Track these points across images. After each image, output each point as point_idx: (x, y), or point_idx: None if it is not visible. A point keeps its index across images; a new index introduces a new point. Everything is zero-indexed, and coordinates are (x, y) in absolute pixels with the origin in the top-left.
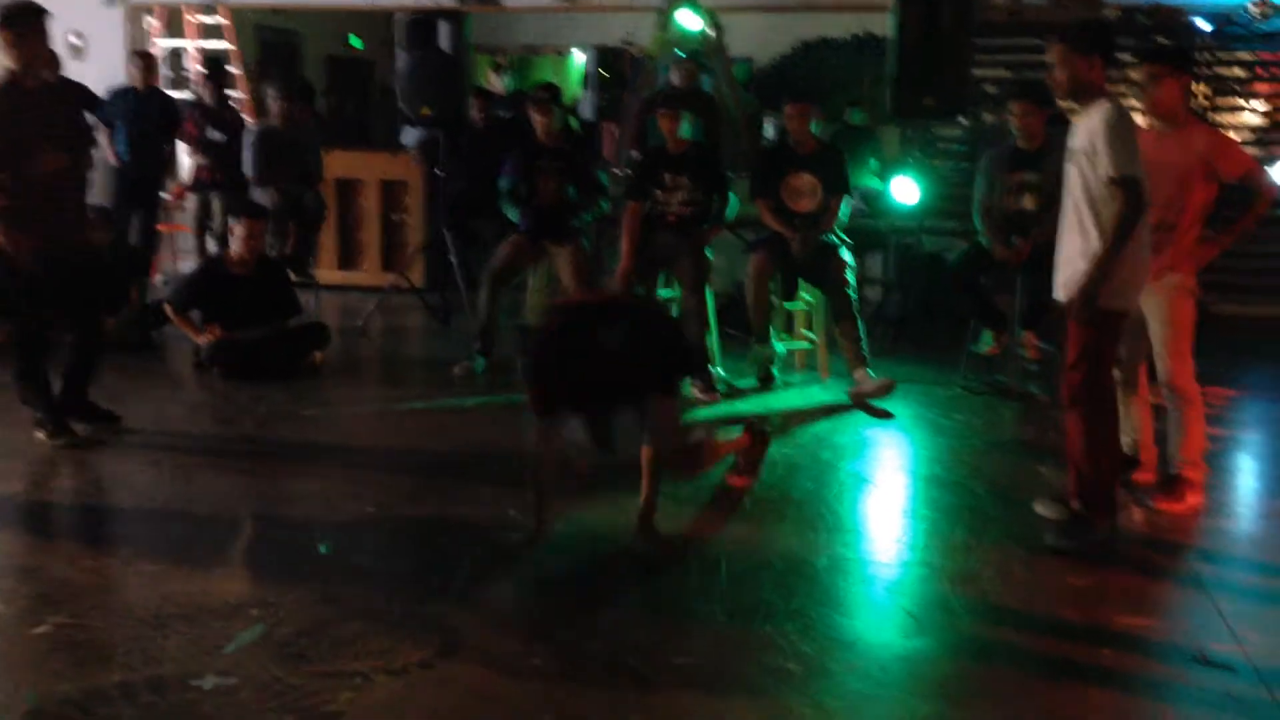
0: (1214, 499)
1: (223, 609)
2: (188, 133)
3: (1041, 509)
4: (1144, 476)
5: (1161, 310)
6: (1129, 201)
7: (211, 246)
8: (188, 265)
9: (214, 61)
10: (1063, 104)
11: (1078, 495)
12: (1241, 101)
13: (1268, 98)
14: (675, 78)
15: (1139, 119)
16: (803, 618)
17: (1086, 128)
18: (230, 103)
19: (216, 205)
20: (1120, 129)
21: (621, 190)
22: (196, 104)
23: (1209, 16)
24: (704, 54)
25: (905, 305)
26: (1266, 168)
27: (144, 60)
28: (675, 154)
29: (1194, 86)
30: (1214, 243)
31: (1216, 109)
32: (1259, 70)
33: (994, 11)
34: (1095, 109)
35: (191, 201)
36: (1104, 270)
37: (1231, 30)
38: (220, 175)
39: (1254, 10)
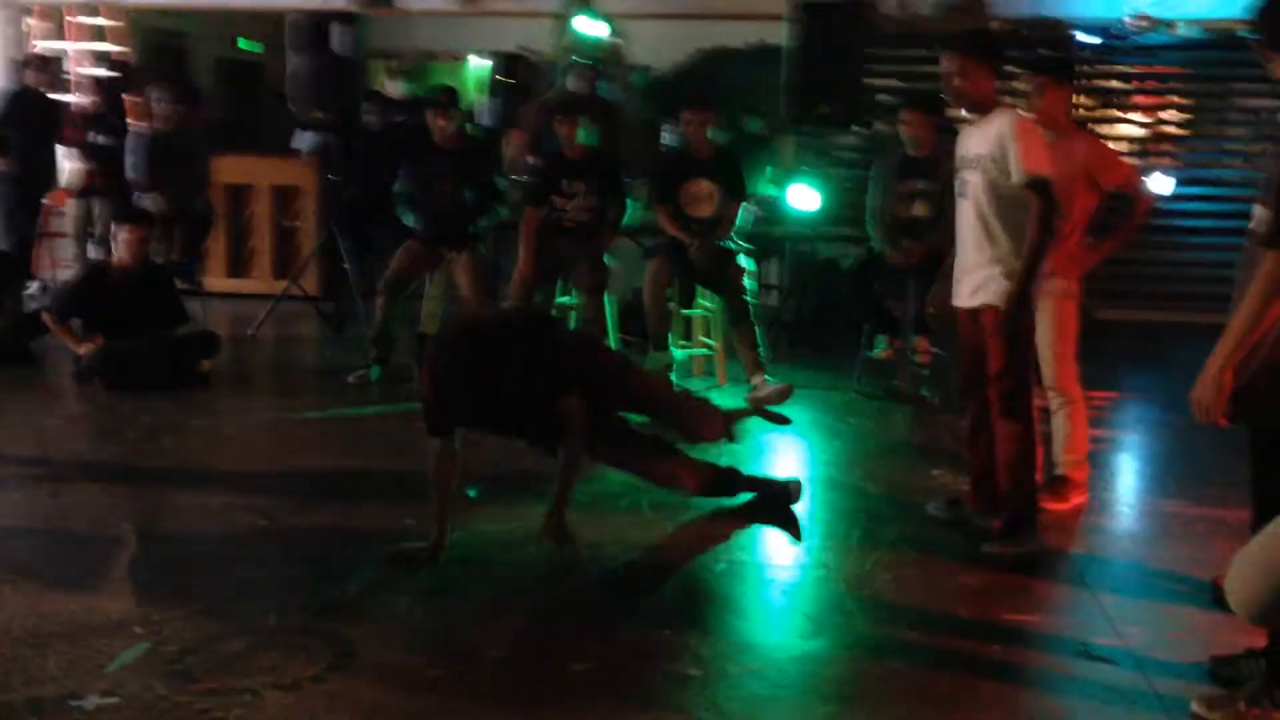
0: (1097, 498)
1: (104, 627)
2: (71, 137)
3: (933, 510)
4: None
5: (1046, 315)
6: (1045, 201)
7: (93, 253)
8: (67, 273)
9: (122, 65)
10: (960, 113)
11: (1009, 504)
12: (1120, 113)
13: (1145, 109)
14: (573, 83)
15: None
16: (701, 622)
17: (990, 135)
18: (117, 106)
19: (99, 211)
20: (1029, 133)
21: (519, 196)
22: (79, 107)
23: (1090, 29)
24: (602, 60)
25: (801, 311)
26: (1144, 177)
27: (42, 64)
28: (573, 160)
29: (1075, 98)
30: (1096, 249)
31: (1096, 120)
32: (1136, 83)
33: (886, 22)
34: (998, 116)
35: (72, 207)
36: (1033, 273)
37: (1111, 44)
38: (105, 180)
39: (1132, 25)
